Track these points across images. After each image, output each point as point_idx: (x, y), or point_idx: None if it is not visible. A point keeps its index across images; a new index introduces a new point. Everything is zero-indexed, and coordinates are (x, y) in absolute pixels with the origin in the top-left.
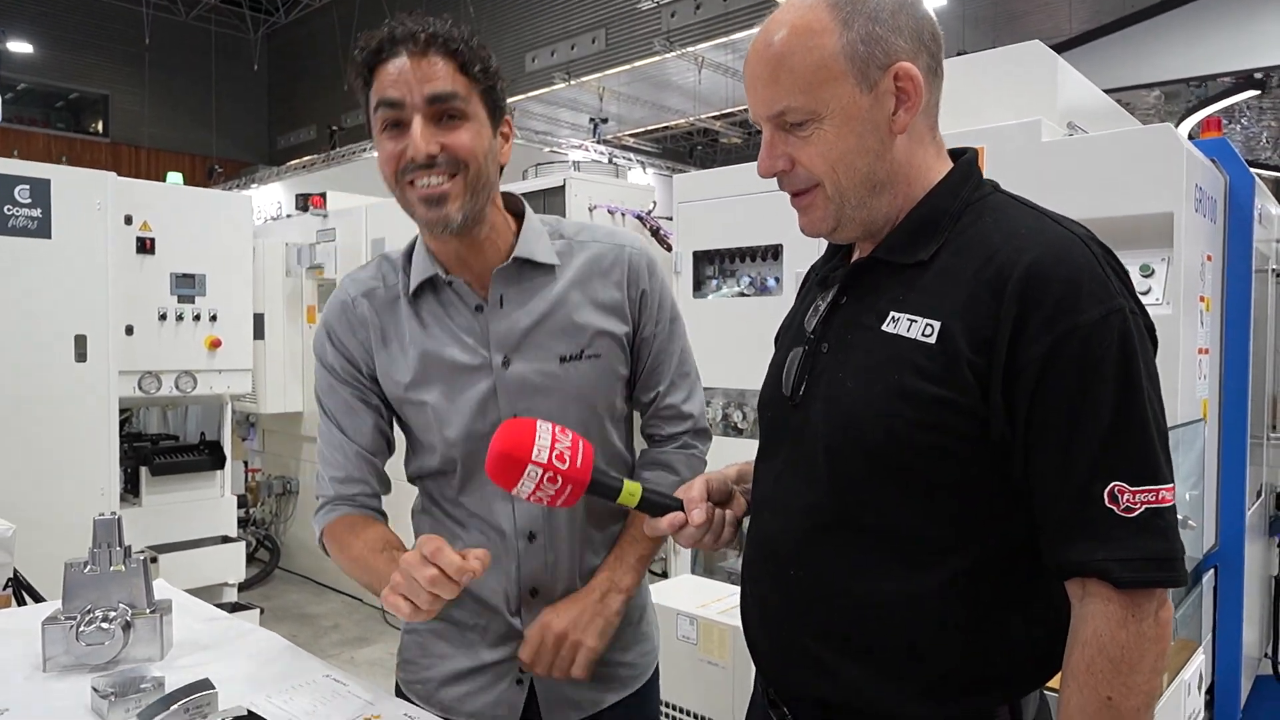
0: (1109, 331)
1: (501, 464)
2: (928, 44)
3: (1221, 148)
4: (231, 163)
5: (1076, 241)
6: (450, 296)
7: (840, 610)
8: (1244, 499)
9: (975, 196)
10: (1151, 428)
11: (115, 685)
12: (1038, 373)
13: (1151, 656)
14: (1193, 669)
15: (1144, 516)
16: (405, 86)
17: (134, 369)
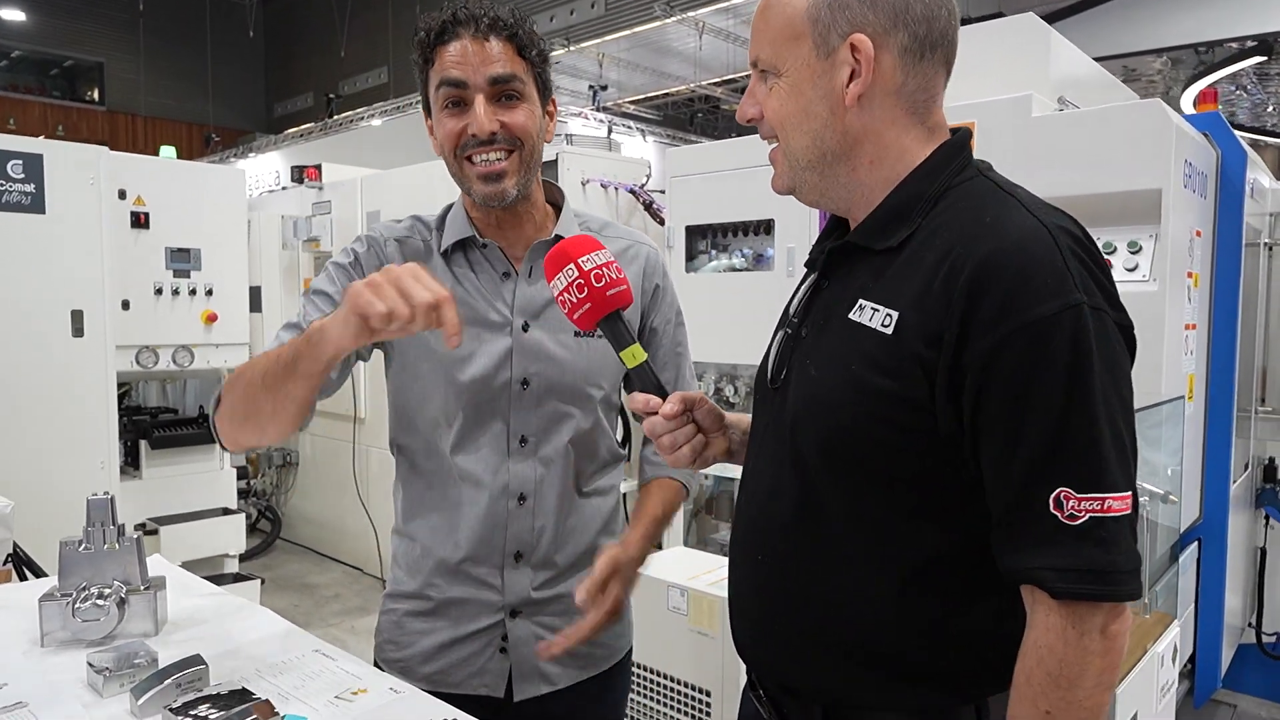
0: (1060, 328)
1: (557, 255)
2: (912, 24)
3: (1215, 122)
4: (228, 131)
5: (1042, 232)
6: (480, 259)
7: (804, 599)
8: (1228, 473)
9: (956, 181)
10: (1103, 431)
11: (110, 661)
12: (982, 370)
13: (1095, 671)
14: (1166, 641)
15: (1088, 525)
16: (469, 67)
17: (131, 343)
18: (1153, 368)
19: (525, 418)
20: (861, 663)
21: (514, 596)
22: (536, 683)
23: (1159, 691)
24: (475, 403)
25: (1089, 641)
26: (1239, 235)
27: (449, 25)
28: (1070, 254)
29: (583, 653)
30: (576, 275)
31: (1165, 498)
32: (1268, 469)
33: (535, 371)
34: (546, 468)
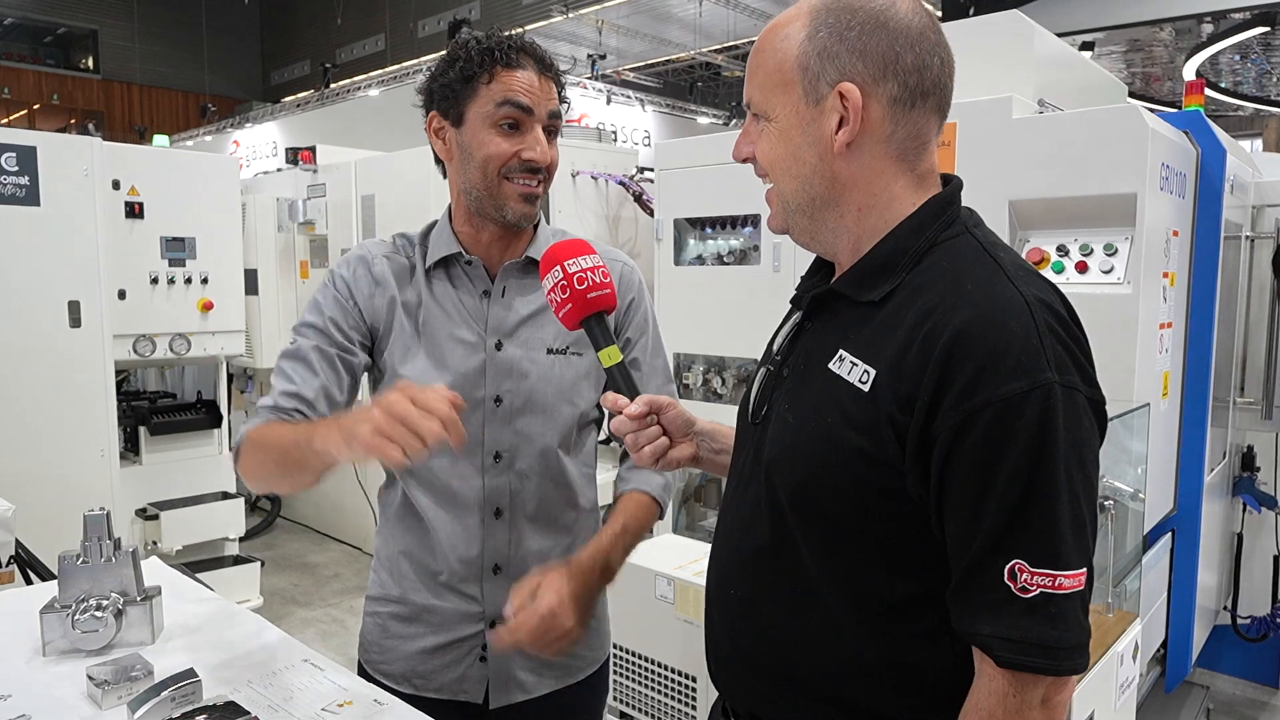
0: (1028, 407)
1: (549, 257)
2: (902, 74)
3: (1195, 120)
4: (224, 100)
5: (1020, 305)
6: (461, 275)
7: (772, 636)
8: (1202, 466)
9: (942, 237)
10: (1063, 509)
11: (109, 674)
12: (951, 440)
13: None
14: (1127, 640)
15: (1038, 599)
16: (536, 98)
17: (128, 332)
18: (1125, 370)
19: (499, 434)
20: (829, 701)
21: (493, 608)
22: (513, 691)
23: (1118, 689)
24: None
25: (1029, 711)
26: (1217, 233)
27: (516, 52)
28: (1046, 329)
29: (560, 663)
30: (562, 277)
31: (1134, 496)
32: (1245, 457)
33: (508, 389)
34: (521, 482)
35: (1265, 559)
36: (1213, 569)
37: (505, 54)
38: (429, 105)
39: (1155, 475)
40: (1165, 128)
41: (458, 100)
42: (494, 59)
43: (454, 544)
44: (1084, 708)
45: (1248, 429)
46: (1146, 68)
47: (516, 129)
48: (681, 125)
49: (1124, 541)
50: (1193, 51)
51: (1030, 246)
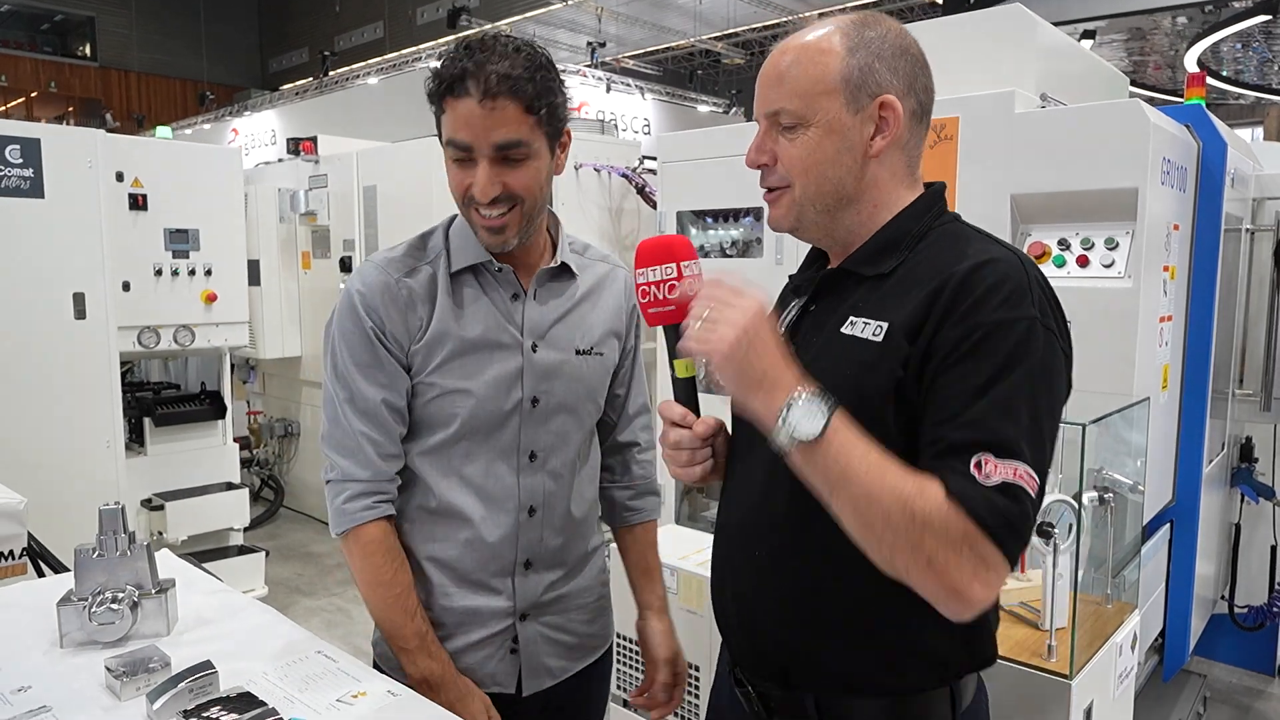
0: (1013, 331)
1: (660, 248)
2: (919, 93)
3: (1196, 113)
4: (223, 88)
5: (1015, 260)
6: (491, 280)
7: (804, 589)
8: (1201, 458)
9: (936, 224)
10: (1023, 415)
11: (126, 665)
12: (946, 352)
13: (925, 544)
14: (1126, 630)
15: (998, 485)
16: (473, 132)
17: (133, 324)
18: (1125, 362)
19: (535, 434)
20: (859, 645)
21: (524, 602)
22: (543, 677)
23: (1117, 679)
24: (488, 422)
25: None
26: (1218, 227)
27: (457, 82)
28: (1035, 281)
29: (580, 644)
30: (675, 275)
31: (1134, 488)
32: (1244, 448)
33: (544, 390)
34: (555, 481)
35: (1262, 549)
36: (1211, 559)
37: (449, 83)
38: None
39: (1154, 467)
40: (1166, 122)
41: (438, 127)
42: (441, 89)
43: (489, 543)
44: (1083, 697)
45: (1246, 420)
46: (1148, 56)
47: (467, 162)
48: (681, 113)
49: (1123, 533)
50: (1194, 40)
51: (1032, 240)
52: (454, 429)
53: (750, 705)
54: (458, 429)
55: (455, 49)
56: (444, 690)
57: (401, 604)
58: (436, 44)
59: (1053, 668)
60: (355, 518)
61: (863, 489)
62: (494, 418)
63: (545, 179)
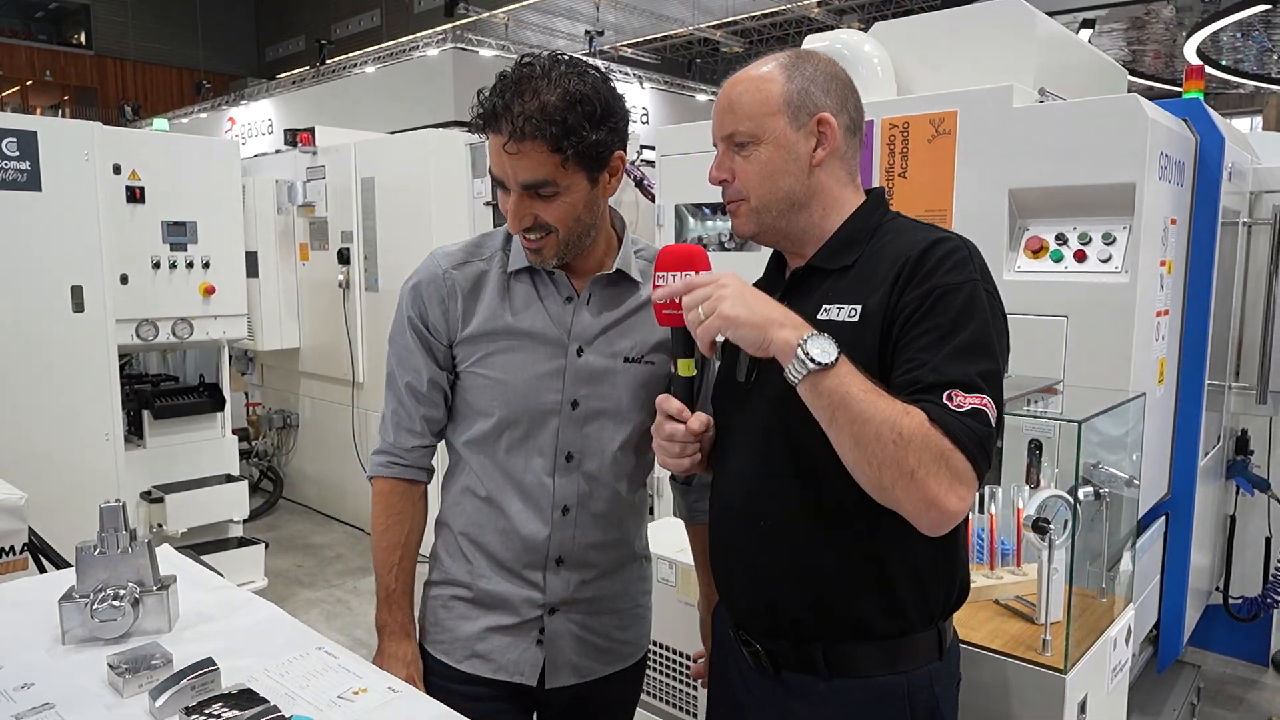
0: (961, 290)
1: (685, 254)
2: (850, 111)
3: (1194, 108)
4: (219, 77)
5: (959, 241)
6: (545, 282)
7: (809, 549)
8: (1197, 451)
9: (884, 220)
10: (980, 356)
11: (129, 661)
12: (910, 312)
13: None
14: (1120, 625)
15: (969, 411)
16: (504, 169)
17: (131, 317)
18: (1122, 356)
19: (572, 436)
20: (863, 594)
21: (554, 596)
22: (567, 674)
23: (1111, 672)
24: (528, 418)
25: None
26: (1215, 221)
27: (491, 120)
28: (974, 255)
29: (609, 648)
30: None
31: (1129, 482)
32: (1239, 441)
33: (585, 394)
34: (589, 483)
35: (1257, 541)
36: (1206, 550)
37: (486, 119)
38: None
39: (1151, 460)
40: (1164, 116)
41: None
42: (482, 120)
43: (522, 538)
44: (1077, 691)
45: (1242, 413)
46: (1147, 45)
47: (506, 190)
48: (680, 103)
49: (1118, 527)
50: (1194, 29)
51: (1030, 235)
52: (494, 420)
53: (759, 661)
54: (497, 421)
55: (498, 80)
56: (384, 642)
57: (384, 555)
58: (433, 32)
59: (1047, 662)
60: (373, 470)
61: (859, 412)
62: (532, 415)
63: (584, 208)
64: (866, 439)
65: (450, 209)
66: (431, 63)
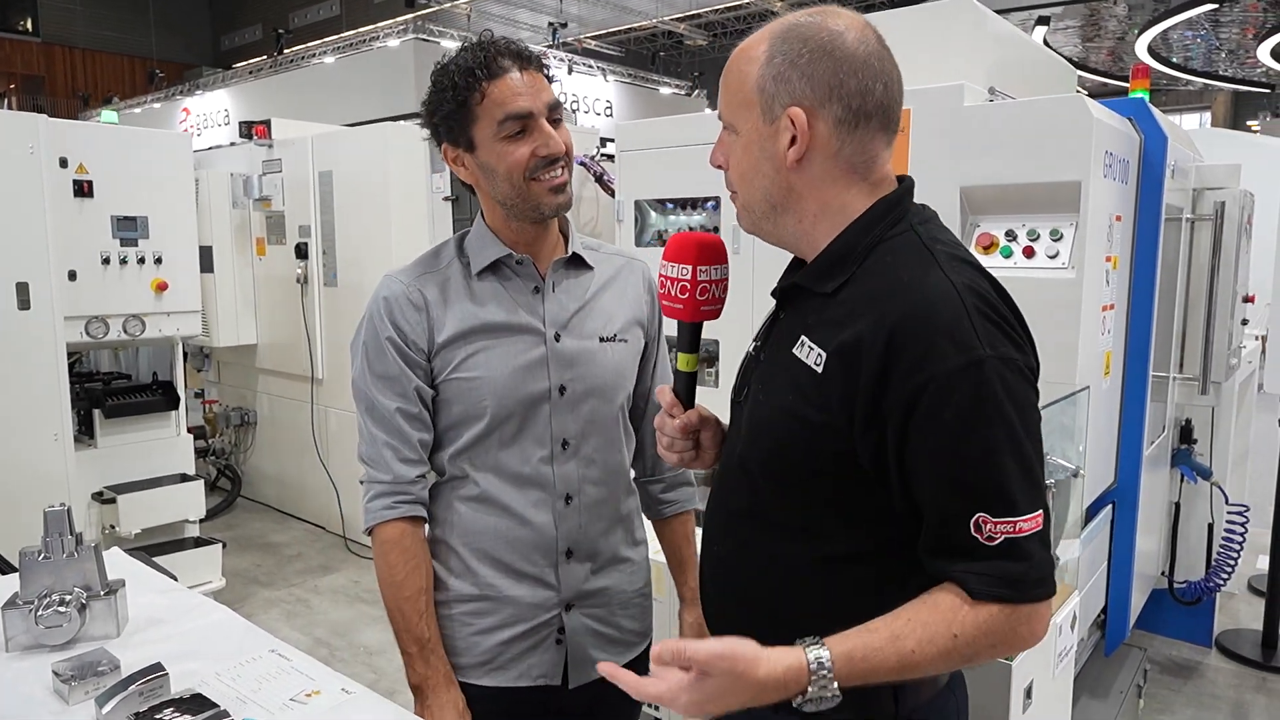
0: (966, 380)
1: (692, 246)
2: (845, 98)
3: (1139, 107)
4: (173, 65)
5: (949, 292)
6: (510, 275)
7: (750, 586)
8: (1141, 442)
9: (888, 234)
10: (1009, 464)
11: (74, 668)
12: (902, 416)
13: (984, 650)
14: (1065, 611)
15: (1003, 545)
16: (530, 97)
17: (80, 314)
18: (1069, 350)
19: (565, 422)
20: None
21: (569, 591)
22: (588, 669)
23: (1056, 658)
24: (519, 409)
25: (1015, 629)
26: (1158, 218)
27: (494, 61)
28: (975, 311)
29: (621, 639)
30: (689, 278)
31: (1076, 473)
32: (1184, 430)
33: (571, 378)
34: (588, 467)
35: (1201, 526)
36: (1152, 536)
37: (485, 66)
38: (438, 139)
39: (1098, 450)
40: (1109, 116)
41: (463, 127)
42: (477, 76)
43: (529, 533)
44: (1023, 677)
45: (1186, 403)
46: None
47: (524, 132)
48: (643, 96)
49: (1065, 517)
50: (1145, 27)
51: (980, 231)
52: (486, 420)
53: None
54: (489, 420)
55: (463, 48)
56: (428, 696)
57: (410, 605)
58: (394, 22)
59: None
60: (376, 516)
61: (910, 667)
62: (523, 405)
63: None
64: (941, 666)
65: (410, 203)
66: (392, 53)
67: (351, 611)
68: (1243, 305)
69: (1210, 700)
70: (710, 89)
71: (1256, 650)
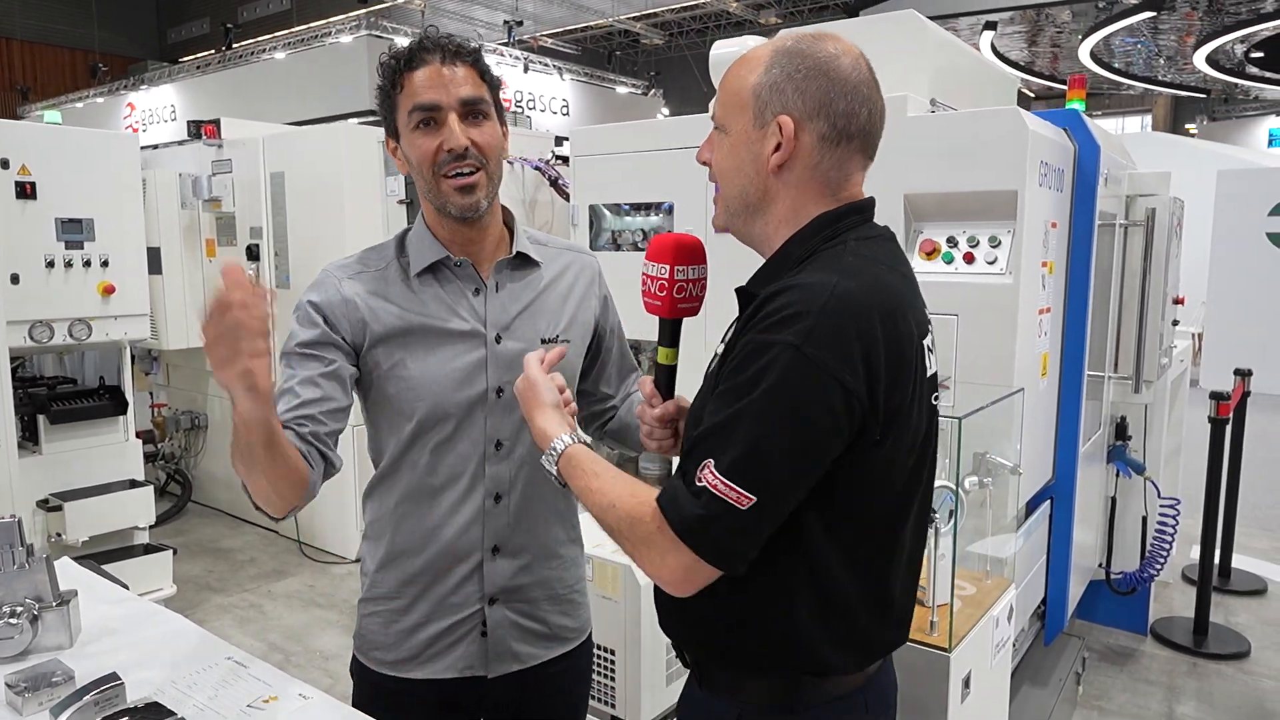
0: (779, 355)
1: (671, 247)
2: (833, 116)
3: (1073, 118)
4: (117, 59)
5: (820, 290)
6: (449, 276)
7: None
8: (1077, 440)
9: (823, 247)
10: (749, 439)
11: (28, 679)
12: (720, 364)
13: (624, 536)
14: (1002, 604)
15: (700, 490)
16: (441, 90)
17: (23, 318)
18: (1006, 353)
19: (500, 424)
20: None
21: (493, 586)
22: (509, 661)
23: (994, 649)
24: (454, 412)
25: (651, 550)
26: (1092, 224)
27: (417, 53)
28: (829, 310)
29: (548, 634)
30: (666, 277)
31: (1014, 470)
32: (1119, 427)
33: (509, 380)
34: (520, 468)
35: (1136, 519)
36: (1090, 530)
37: (408, 58)
38: (386, 131)
39: (1036, 448)
40: (1044, 127)
41: (389, 116)
42: (399, 66)
43: (456, 530)
44: (961, 668)
45: (1121, 401)
46: (1046, 47)
47: (433, 124)
48: (600, 95)
49: (1003, 513)
50: (1087, 33)
51: (923, 237)
52: (415, 422)
53: (687, 667)
54: (418, 422)
55: (409, 43)
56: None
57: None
58: (346, 18)
59: (934, 642)
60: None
61: (585, 498)
62: (458, 408)
63: (500, 145)
64: (594, 511)
65: (364, 205)
66: (345, 49)
67: (306, 616)
68: (1173, 307)
69: (1145, 686)
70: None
71: (1188, 637)
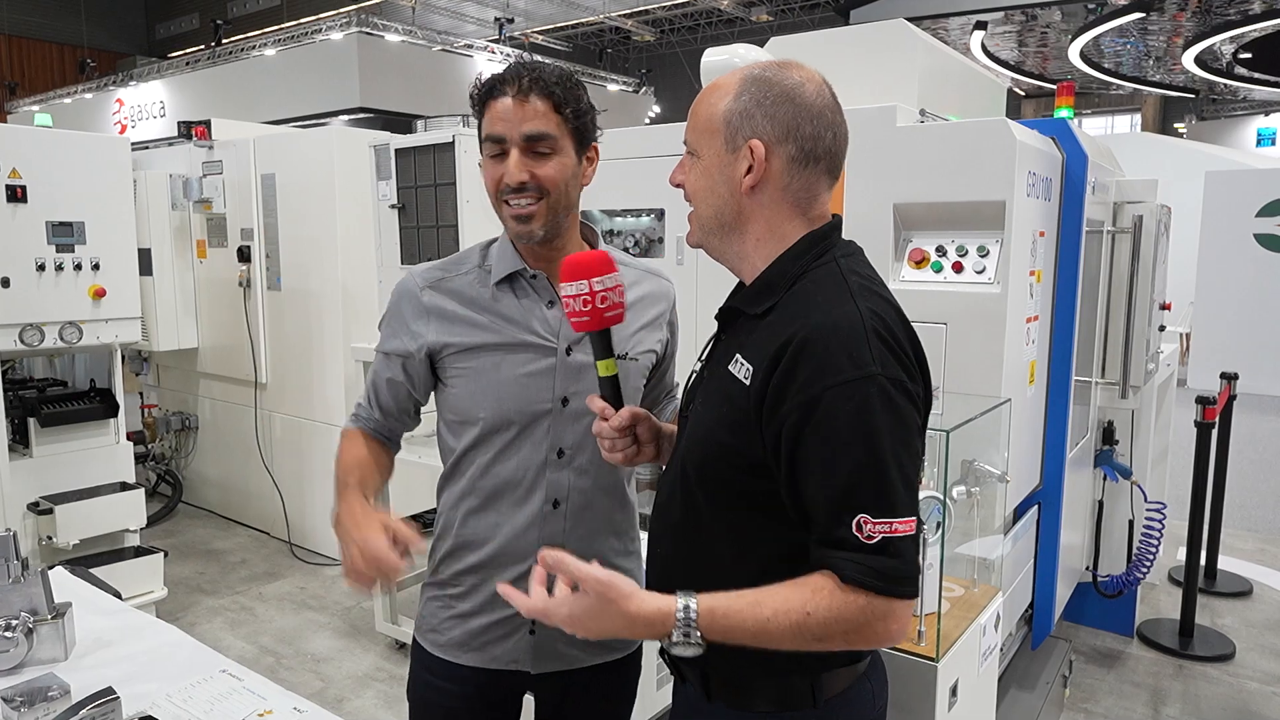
0: (854, 393)
1: (574, 266)
2: (800, 140)
3: (1060, 127)
4: (105, 54)
5: (856, 317)
6: (526, 288)
7: (688, 583)
8: (1065, 447)
9: (814, 265)
10: (891, 470)
11: (23, 694)
12: (797, 421)
13: (837, 634)
14: (989, 613)
15: (880, 543)
16: (507, 124)
17: (14, 322)
18: (994, 362)
19: (564, 433)
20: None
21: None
22: (553, 660)
23: (981, 656)
24: (521, 418)
25: (875, 623)
26: (1079, 232)
27: (497, 84)
28: (874, 334)
29: (599, 641)
30: (587, 291)
31: (1003, 478)
32: (1106, 432)
33: (575, 391)
34: (579, 477)
35: (1123, 523)
36: (1077, 533)
37: (492, 88)
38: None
39: (1024, 454)
40: (1032, 137)
41: (479, 138)
42: (483, 95)
43: (513, 531)
44: (949, 677)
45: (1108, 406)
46: (1036, 47)
47: (501, 155)
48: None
49: (991, 521)
50: (1077, 33)
51: (913, 246)
52: (480, 427)
53: (671, 671)
54: (483, 427)
55: (496, 73)
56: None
57: (340, 465)
58: (337, 14)
59: (921, 651)
60: (344, 425)
61: (765, 635)
62: (524, 416)
63: (571, 178)
64: (792, 643)
65: (356, 207)
66: (335, 46)
67: (298, 619)
68: (1160, 312)
69: (1131, 688)
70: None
71: (1174, 639)
